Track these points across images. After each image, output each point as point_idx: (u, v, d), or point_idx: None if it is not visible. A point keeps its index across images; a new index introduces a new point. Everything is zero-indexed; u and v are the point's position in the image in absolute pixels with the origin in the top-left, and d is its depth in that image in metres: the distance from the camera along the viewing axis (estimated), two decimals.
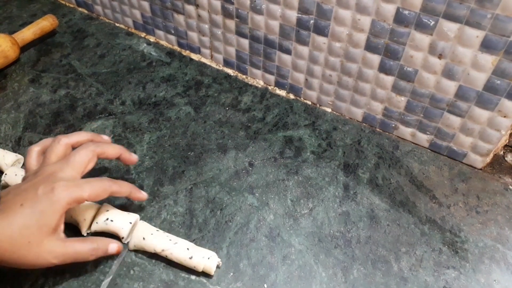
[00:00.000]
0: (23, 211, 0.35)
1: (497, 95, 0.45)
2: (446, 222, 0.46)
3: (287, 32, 0.54)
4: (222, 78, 0.63)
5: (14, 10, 0.74)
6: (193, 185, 0.49)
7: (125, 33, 0.71)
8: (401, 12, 0.44)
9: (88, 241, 0.39)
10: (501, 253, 0.44)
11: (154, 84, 0.62)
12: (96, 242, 0.39)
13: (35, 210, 0.35)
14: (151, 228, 0.42)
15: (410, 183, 0.50)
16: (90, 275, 0.41)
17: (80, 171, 0.40)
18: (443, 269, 0.42)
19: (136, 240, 0.41)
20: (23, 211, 0.35)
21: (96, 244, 0.39)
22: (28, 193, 0.36)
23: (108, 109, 0.58)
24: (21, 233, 0.34)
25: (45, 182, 0.37)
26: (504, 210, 0.47)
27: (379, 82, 0.51)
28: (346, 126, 0.57)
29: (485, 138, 0.49)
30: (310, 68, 0.56)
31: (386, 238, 0.45)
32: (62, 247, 0.36)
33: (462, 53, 0.44)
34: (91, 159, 0.41)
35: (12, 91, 0.60)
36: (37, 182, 0.37)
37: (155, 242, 0.41)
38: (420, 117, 0.52)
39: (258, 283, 0.41)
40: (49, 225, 0.36)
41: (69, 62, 0.65)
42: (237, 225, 0.45)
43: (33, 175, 0.39)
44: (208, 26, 0.61)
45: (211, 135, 0.55)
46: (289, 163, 0.52)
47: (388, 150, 0.54)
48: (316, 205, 0.47)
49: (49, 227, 0.36)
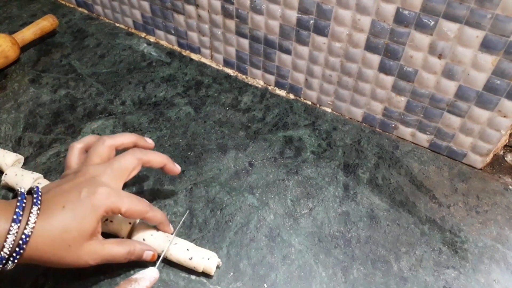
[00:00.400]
0: (65, 214, 0.34)
1: (497, 95, 0.45)
2: (446, 222, 0.46)
3: (287, 32, 0.54)
4: (222, 78, 0.63)
5: (14, 10, 0.74)
6: (193, 185, 0.49)
7: (125, 33, 0.71)
8: (401, 12, 0.44)
9: (126, 244, 0.38)
10: (501, 253, 0.44)
11: (154, 84, 0.62)
12: (133, 246, 0.38)
13: (77, 214, 0.35)
14: (151, 229, 0.42)
15: (410, 183, 0.50)
16: (90, 275, 0.41)
17: (123, 178, 0.39)
18: (443, 269, 0.42)
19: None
20: (65, 214, 0.34)
21: (133, 248, 0.38)
22: (71, 194, 0.35)
23: (108, 109, 0.58)
24: (62, 236, 0.34)
25: (89, 185, 0.36)
26: (504, 210, 0.47)
27: (379, 82, 0.51)
28: (346, 126, 0.57)
29: (485, 138, 0.49)
30: (310, 68, 0.56)
31: (386, 238, 0.45)
32: (100, 249, 0.36)
33: (462, 53, 0.44)
34: (136, 167, 0.40)
35: (12, 91, 0.60)
36: (80, 183, 0.36)
37: (155, 243, 0.41)
38: (420, 117, 0.52)
39: (258, 283, 0.41)
40: (88, 230, 0.35)
41: (69, 62, 0.65)
42: (237, 225, 0.45)
43: (73, 174, 0.38)
44: (208, 26, 0.61)
45: (211, 135, 0.55)
46: (289, 163, 0.52)
47: (388, 150, 0.54)
48: (316, 205, 0.47)
49: (88, 232, 0.35)
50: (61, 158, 0.51)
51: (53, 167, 0.50)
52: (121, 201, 0.37)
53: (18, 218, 0.33)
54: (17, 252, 0.32)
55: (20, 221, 0.33)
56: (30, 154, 0.52)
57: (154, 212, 0.40)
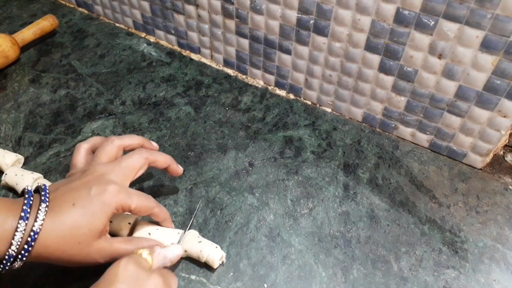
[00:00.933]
0: (75, 211, 0.34)
1: (497, 95, 0.45)
2: (446, 222, 0.46)
3: (287, 32, 0.54)
4: (222, 78, 0.63)
5: (14, 10, 0.74)
6: (193, 185, 0.49)
7: (125, 33, 0.71)
8: (401, 12, 0.44)
9: (133, 242, 0.38)
10: (501, 253, 0.44)
11: (154, 84, 0.62)
12: (141, 243, 0.39)
13: (87, 211, 0.35)
14: (155, 224, 0.43)
15: (410, 183, 0.50)
16: (90, 275, 0.41)
17: (131, 177, 0.40)
18: (443, 269, 0.42)
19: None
20: (75, 211, 0.34)
21: (141, 245, 0.38)
22: (80, 192, 0.35)
23: (108, 109, 0.58)
24: (71, 233, 0.34)
25: (98, 183, 0.36)
26: (504, 210, 0.47)
27: (379, 82, 0.51)
28: (346, 126, 0.57)
29: (485, 138, 0.49)
30: (310, 68, 0.56)
31: (386, 238, 0.45)
32: (109, 247, 0.36)
33: (462, 53, 0.44)
34: (143, 166, 0.41)
35: (12, 91, 0.60)
36: (89, 181, 0.37)
37: (160, 237, 0.41)
38: (420, 117, 0.52)
39: (258, 283, 0.41)
40: (99, 227, 0.35)
41: (69, 62, 0.65)
42: (237, 225, 0.45)
43: (81, 173, 0.38)
44: (208, 26, 0.61)
45: (211, 135, 0.55)
46: (289, 163, 0.52)
47: (388, 150, 0.54)
48: (316, 205, 0.47)
49: (98, 229, 0.35)
50: (61, 158, 0.51)
51: (53, 167, 0.50)
52: (130, 198, 0.37)
53: (25, 216, 0.32)
54: (25, 249, 0.32)
55: (28, 218, 0.32)
56: (30, 154, 0.52)
57: (160, 208, 0.40)
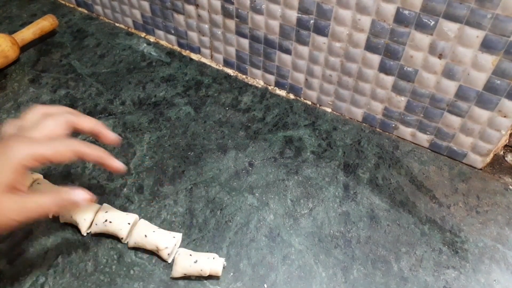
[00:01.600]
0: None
1: (497, 95, 0.45)
2: (446, 222, 0.46)
3: (287, 32, 0.54)
4: (222, 78, 0.63)
5: (14, 10, 0.74)
6: (193, 185, 0.49)
7: (125, 33, 0.71)
8: (401, 12, 0.44)
9: (49, 192, 0.36)
10: (501, 253, 0.44)
11: (154, 84, 0.62)
12: (57, 190, 0.37)
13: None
14: (152, 226, 0.43)
15: (410, 183, 0.50)
16: (90, 275, 0.41)
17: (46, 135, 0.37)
18: (443, 269, 0.42)
19: (138, 238, 0.41)
20: None
21: (57, 191, 0.36)
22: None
23: (108, 109, 0.58)
24: None
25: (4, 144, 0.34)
26: (504, 210, 0.47)
27: (379, 82, 0.51)
28: (346, 126, 0.57)
29: (485, 138, 0.49)
30: (310, 68, 0.56)
31: (386, 238, 0.45)
32: (21, 202, 0.34)
33: (462, 53, 0.44)
34: (61, 126, 0.38)
35: (12, 91, 0.60)
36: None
37: (157, 239, 0.41)
38: (420, 117, 0.52)
39: (258, 283, 0.41)
40: (5, 182, 0.33)
41: (69, 62, 0.65)
42: (237, 225, 0.45)
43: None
44: (208, 26, 0.61)
45: (211, 135, 0.55)
46: (289, 163, 0.52)
47: (388, 150, 0.54)
48: (316, 205, 0.47)
49: (5, 185, 0.33)
50: None
51: (53, 167, 0.50)
52: (39, 145, 0.35)
53: None
54: None
55: None
56: None
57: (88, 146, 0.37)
